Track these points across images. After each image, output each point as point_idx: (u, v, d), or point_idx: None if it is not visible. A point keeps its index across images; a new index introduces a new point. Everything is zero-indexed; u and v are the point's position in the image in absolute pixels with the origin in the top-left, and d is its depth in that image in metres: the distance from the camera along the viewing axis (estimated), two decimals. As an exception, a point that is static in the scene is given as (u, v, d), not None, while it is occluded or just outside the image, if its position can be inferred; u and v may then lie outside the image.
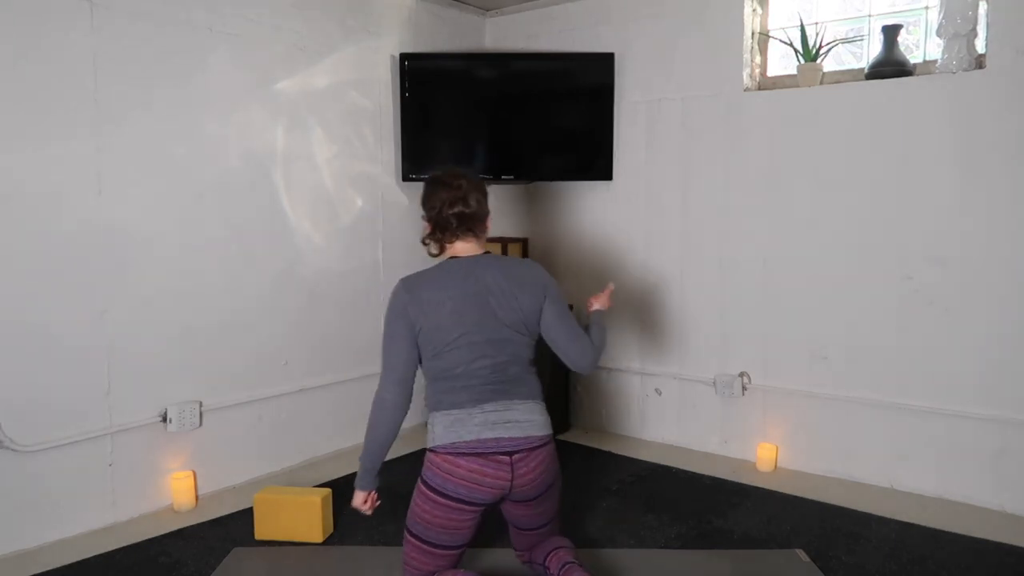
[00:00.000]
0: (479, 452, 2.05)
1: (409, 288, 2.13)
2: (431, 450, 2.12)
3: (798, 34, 3.29)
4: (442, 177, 2.20)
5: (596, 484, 3.20)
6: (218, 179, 3.06)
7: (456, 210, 2.13)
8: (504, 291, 2.11)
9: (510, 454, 2.07)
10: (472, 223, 2.16)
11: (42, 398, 2.60)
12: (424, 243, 2.23)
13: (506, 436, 2.07)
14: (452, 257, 2.19)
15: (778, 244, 3.38)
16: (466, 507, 2.08)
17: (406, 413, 2.19)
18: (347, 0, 3.52)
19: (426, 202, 2.20)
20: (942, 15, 2.92)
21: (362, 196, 3.66)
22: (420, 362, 2.18)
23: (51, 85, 2.56)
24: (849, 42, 3.33)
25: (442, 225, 2.16)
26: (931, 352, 3.04)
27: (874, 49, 3.18)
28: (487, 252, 2.22)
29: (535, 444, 2.11)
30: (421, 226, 2.24)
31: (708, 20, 3.49)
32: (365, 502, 2.25)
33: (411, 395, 2.17)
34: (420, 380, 2.23)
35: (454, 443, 2.07)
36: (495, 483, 2.07)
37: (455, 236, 2.17)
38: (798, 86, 3.30)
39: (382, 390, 2.18)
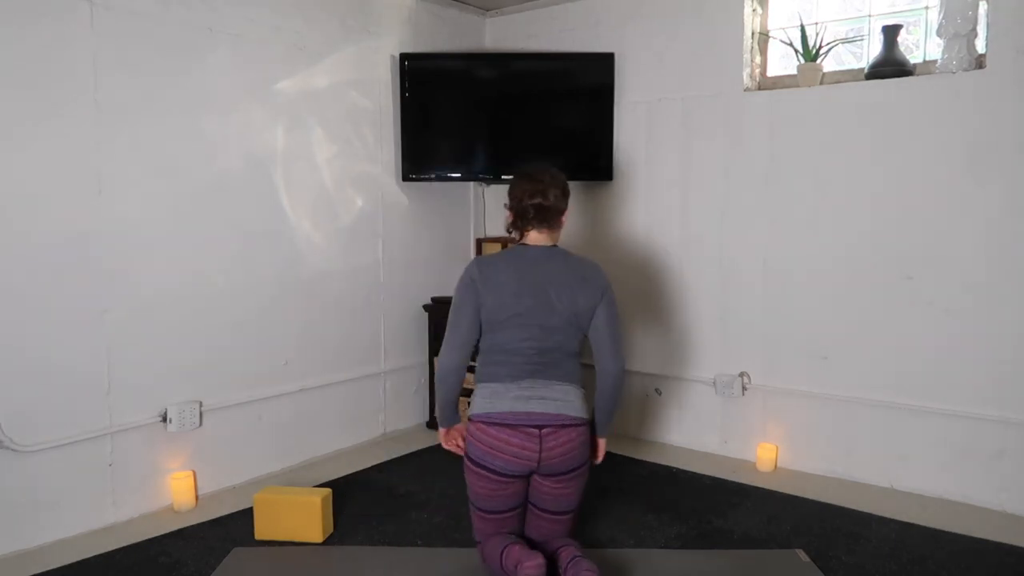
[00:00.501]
0: (509, 423, 2.20)
1: (480, 265, 2.34)
2: (470, 419, 2.28)
3: (798, 34, 3.29)
4: (528, 170, 2.37)
5: (596, 484, 3.19)
6: (218, 179, 3.06)
7: (535, 201, 2.30)
8: (564, 284, 2.26)
9: (540, 427, 2.20)
10: (548, 215, 2.32)
11: (42, 398, 2.59)
12: (508, 232, 2.41)
13: (538, 411, 2.21)
14: (522, 245, 2.34)
15: (778, 244, 3.38)
16: (494, 477, 2.23)
17: (464, 374, 2.36)
18: (347, 0, 3.52)
19: (510, 192, 2.37)
20: (942, 15, 2.92)
21: (362, 196, 3.66)
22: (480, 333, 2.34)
23: (51, 85, 2.56)
24: (849, 42, 3.32)
25: (521, 214, 2.33)
26: (931, 352, 3.04)
27: (874, 49, 3.18)
28: (555, 246, 2.36)
29: (566, 423, 2.23)
30: (504, 215, 2.42)
31: (708, 20, 3.49)
32: (446, 438, 2.46)
33: (468, 359, 2.35)
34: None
35: (488, 413, 2.23)
36: (522, 453, 2.19)
37: (531, 226, 2.33)
38: (798, 86, 3.30)
39: (442, 355, 2.34)
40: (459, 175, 3.92)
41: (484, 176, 3.95)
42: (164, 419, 2.92)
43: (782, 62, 3.48)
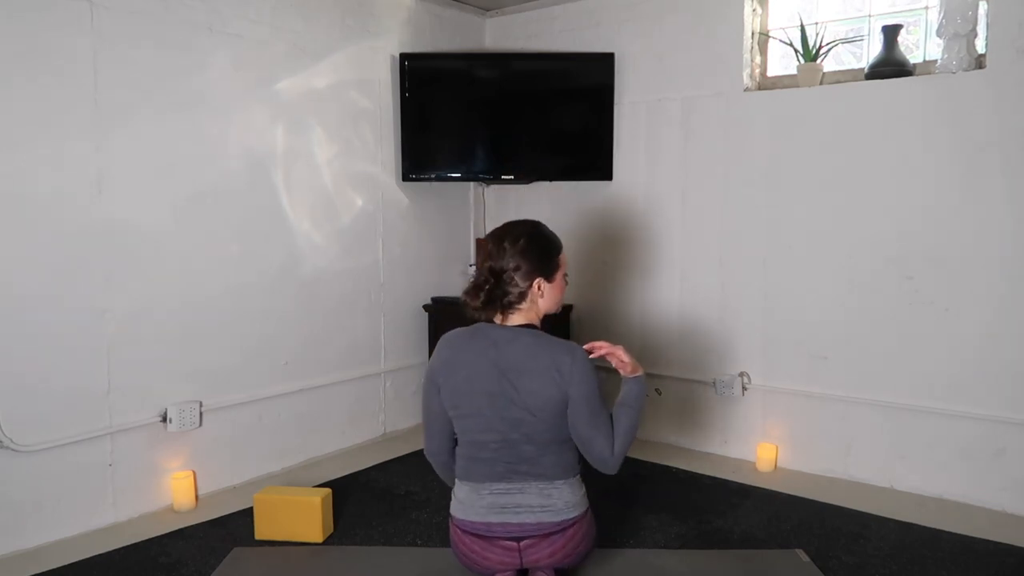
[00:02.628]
0: (483, 535, 2.04)
1: (441, 348, 2.13)
2: (450, 515, 2.17)
3: (798, 34, 3.29)
4: (492, 252, 2.08)
5: (597, 484, 3.18)
6: (218, 179, 3.06)
7: (503, 300, 2.08)
8: (526, 371, 2.01)
9: (519, 539, 2.04)
10: (515, 306, 2.09)
11: (42, 398, 2.59)
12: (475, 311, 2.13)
13: (514, 522, 2.03)
14: (488, 323, 2.11)
15: (778, 244, 3.38)
16: (479, 573, 2.12)
17: (450, 453, 2.20)
18: (347, 0, 3.52)
19: (478, 264, 2.15)
20: (942, 15, 2.92)
21: (362, 196, 3.66)
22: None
23: (51, 85, 2.56)
24: (849, 42, 3.32)
25: (488, 302, 2.09)
26: (931, 352, 3.04)
27: (874, 49, 3.18)
28: (528, 325, 2.11)
29: (549, 531, 2.04)
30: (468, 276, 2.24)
31: (708, 20, 3.49)
32: None
33: (450, 440, 2.18)
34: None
35: (461, 519, 2.09)
36: (499, 567, 2.06)
37: (497, 311, 2.10)
38: (798, 86, 3.30)
39: (424, 440, 2.24)
40: (459, 175, 3.92)
41: (484, 176, 3.95)
42: (164, 419, 2.92)
43: (782, 62, 3.48)
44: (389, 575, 2.43)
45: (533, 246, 2.08)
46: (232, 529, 2.76)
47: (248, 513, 2.76)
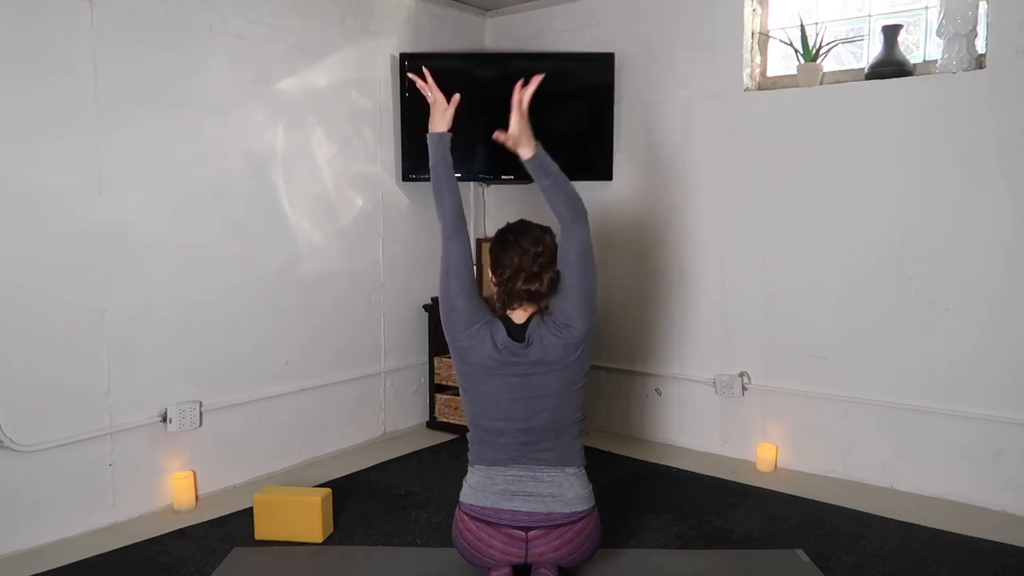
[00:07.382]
0: (491, 521, 2.04)
1: (473, 317, 2.17)
2: (459, 503, 2.17)
3: (798, 34, 3.29)
4: (520, 242, 2.19)
5: (596, 484, 3.17)
6: (218, 179, 3.06)
7: (531, 287, 2.15)
8: (542, 365, 2.11)
9: (527, 529, 2.03)
10: (540, 298, 2.18)
11: (42, 398, 2.59)
12: (494, 309, 2.23)
13: (524, 510, 2.04)
14: (505, 317, 2.18)
15: (778, 244, 3.38)
16: (479, 568, 2.11)
17: (456, 188, 2.34)
18: (347, 0, 3.52)
19: (498, 263, 2.21)
20: (942, 15, 2.92)
21: (362, 196, 3.66)
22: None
23: (51, 85, 2.56)
24: (849, 42, 3.32)
25: (511, 295, 2.17)
26: (931, 352, 3.04)
27: (874, 49, 3.18)
28: (531, 316, 2.19)
29: (558, 522, 2.05)
30: (487, 276, 2.29)
31: (708, 20, 3.49)
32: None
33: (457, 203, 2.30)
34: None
35: (470, 504, 2.09)
36: (503, 557, 2.05)
37: (520, 304, 2.19)
38: (798, 86, 3.30)
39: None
40: (459, 175, 3.88)
41: (484, 176, 3.95)
42: (164, 419, 2.92)
43: (782, 62, 3.48)
44: (389, 575, 2.44)
45: (552, 238, 2.23)
46: (232, 529, 2.76)
47: (248, 513, 2.76)
